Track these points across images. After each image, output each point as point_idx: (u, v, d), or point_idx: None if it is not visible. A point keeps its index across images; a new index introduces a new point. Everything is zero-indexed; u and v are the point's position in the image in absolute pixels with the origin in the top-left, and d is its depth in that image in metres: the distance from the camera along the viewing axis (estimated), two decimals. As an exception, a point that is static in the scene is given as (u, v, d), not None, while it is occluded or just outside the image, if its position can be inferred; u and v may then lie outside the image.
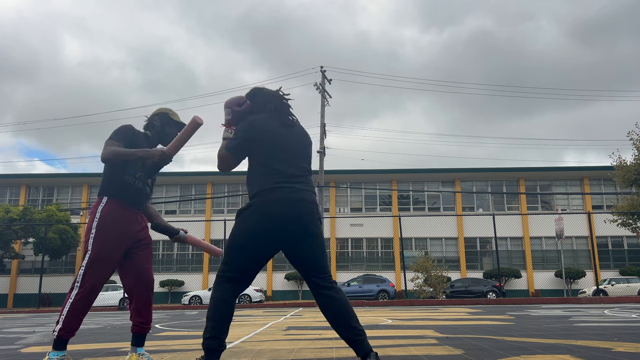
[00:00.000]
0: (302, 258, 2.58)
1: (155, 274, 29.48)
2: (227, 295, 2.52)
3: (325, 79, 24.98)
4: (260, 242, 2.50)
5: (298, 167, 2.62)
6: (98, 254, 2.88)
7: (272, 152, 2.57)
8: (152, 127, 3.27)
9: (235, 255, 2.53)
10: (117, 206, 3.00)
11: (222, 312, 2.48)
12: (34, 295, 23.29)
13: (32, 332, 6.78)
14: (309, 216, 2.55)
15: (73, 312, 2.81)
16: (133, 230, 3.04)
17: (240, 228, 2.54)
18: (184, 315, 11.35)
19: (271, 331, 5.88)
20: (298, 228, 2.51)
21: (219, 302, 2.50)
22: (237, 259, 2.53)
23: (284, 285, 28.37)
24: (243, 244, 2.51)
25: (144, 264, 3.06)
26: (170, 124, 3.27)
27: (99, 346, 4.49)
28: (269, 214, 2.48)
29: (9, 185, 32.25)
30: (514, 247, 30.21)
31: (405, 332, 5.42)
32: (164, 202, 31.50)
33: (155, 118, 3.28)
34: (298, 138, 2.70)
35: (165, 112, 3.27)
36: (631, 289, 22.94)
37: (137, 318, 3.02)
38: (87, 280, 2.85)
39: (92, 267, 2.87)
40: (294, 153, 2.63)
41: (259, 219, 2.49)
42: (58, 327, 2.80)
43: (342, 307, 2.51)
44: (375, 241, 30.57)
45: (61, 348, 2.83)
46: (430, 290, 21.25)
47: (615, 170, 22.25)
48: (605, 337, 4.45)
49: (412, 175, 31.30)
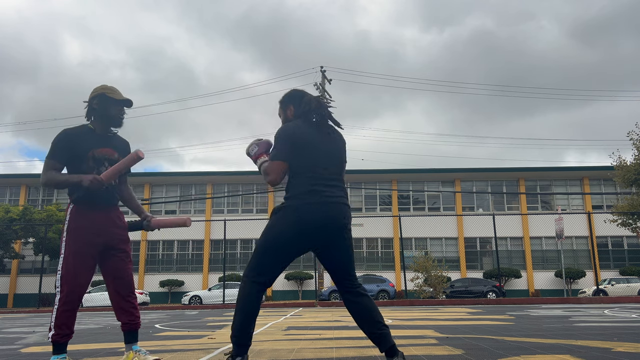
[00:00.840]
0: (334, 260, 2.66)
1: (155, 273, 29.54)
2: (254, 292, 2.58)
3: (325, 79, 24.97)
4: (293, 243, 2.56)
5: (334, 172, 2.68)
6: (70, 257, 2.87)
7: (310, 156, 2.61)
8: (94, 111, 3.03)
9: (267, 255, 2.58)
10: (85, 208, 2.95)
11: (250, 308, 2.56)
12: (34, 295, 23.28)
13: (32, 332, 6.78)
14: (344, 220, 2.62)
15: (60, 316, 2.83)
16: (105, 230, 2.98)
17: (275, 227, 2.58)
18: (184, 315, 11.35)
19: (271, 331, 5.88)
20: (333, 231, 2.58)
21: (247, 298, 2.57)
22: (268, 257, 2.58)
23: (284, 285, 28.36)
24: (277, 243, 2.56)
25: (121, 265, 3.03)
26: (111, 103, 3.02)
27: (99, 346, 4.49)
28: (306, 215, 2.53)
29: (9, 185, 32.24)
30: (514, 247, 30.21)
31: (405, 332, 5.42)
32: (164, 202, 31.51)
33: (94, 102, 3.02)
34: (335, 143, 2.74)
35: (102, 93, 3.01)
36: (631, 289, 22.95)
37: (124, 317, 3.01)
38: (64, 284, 2.86)
39: (67, 270, 2.87)
40: (330, 157, 2.68)
41: (296, 220, 2.54)
42: (51, 332, 2.84)
43: (369, 305, 2.63)
44: (375, 241, 30.57)
45: (60, 351, 2.86)
46: (430, 290, 21.25)
47: (615, 170, 22.25)
48: (605, 337, 4.45)
49: (412, 175, 31.30)
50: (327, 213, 2.55)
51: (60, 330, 2.82)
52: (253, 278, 2.58)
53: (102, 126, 3.06)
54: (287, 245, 2.55)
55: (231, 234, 25.18)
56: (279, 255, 2.57)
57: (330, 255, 2.65)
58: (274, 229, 2.57)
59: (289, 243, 2.55)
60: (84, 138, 2.97)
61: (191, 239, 30.53)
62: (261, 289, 2.60)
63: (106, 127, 3.07)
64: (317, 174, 2.59)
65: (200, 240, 30.69)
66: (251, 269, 2.60)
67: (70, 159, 2.94)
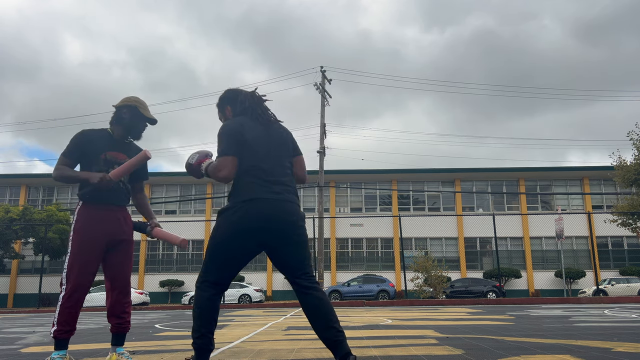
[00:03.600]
0: (285, 258, 2.59)
1: (155, 273, 29.52)
2: (210, 295, 2.54)
3: (325, 79, 24.97)
4: (240, 242, 2.51)
5: (279, 166, 2.62)
6: (76, 255, 2.97)
7: (252, 151, 2.57)
8: (121, 120, 3.17)
9: (215, 255, 2.54)
10: (92, 207, 3.06)
11: (208, 312, 2.52)
12: (34, 295, 23.27)
13: (32, 332, 6.78)
14: (290, 216, 2.55)
15: (63, 312, 2.91)
16: (111, 230, 3.07)
17: (220, 228, 2.54)
18: (184, 315, 11.35)
19: (271, 331, 5.88)
20: (279, 228, 2.51)
21: (203, 302, 2.53)
22: (217, 260, 2.54)
23: (284, 285, 28.34)
24: (223, 243, 2.52)
25: (119, 266, 3.10)
26: (140, 118, 3.19)
27: (99, 346, 4.49)
28: (249, 213, 2.48)
29: (9, 185, 32.25)
30: (514, 247, 30.22)
31: (405, 332, 5.42)
32: (164, 202, 31.52)
33: (124, 111, 3.17)
34: (277, 135, 2.69)
35: (134, 105, 3.17)
36: (631, 289, 22.94)
37: (114, 319, 3.09)
38: (69, 281, 2.95)
39: (72, 268, 2.96)
40: (274, 154, 2.62)
41: (239, 219, 2.49)
42: (53, 328, 2.92)
43: (324, 308, 2.52)
44: (375, 241, 30.57)
45: (61, 347, 2.93)
46: (430, 290, 21.25)
47: (615, 170, 22.24)
48: (605, 337, 4.45)
49: (412, 175, 31.30)
50: (269, 211, 2.49)
51: (62, 327, 2.91)
52: (206, 282, 2.55)
53: (121, 133, 3.20)
54: (231, 246, 2.51)
55: (231, 234, 25.14)
56: (226, 257, 2.53)
57: (281, 253, 2.57)
58: (218, 231, 2.55)
59: (233, 244, 2.51)
60: (100, 140, 3.13)
61: (191, 239, 30.53)
62: (214, 292, 2.55)
63: (125, 135, 3.22)
64: (259, 172, 2.54)
65: (200, 240, 30.70)
66: (202, 273, 2.57)
67: (82, 158, 3.10)
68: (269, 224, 2.49)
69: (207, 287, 2.54)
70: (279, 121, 2.79)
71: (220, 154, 2.56)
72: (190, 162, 2.71)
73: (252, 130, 2.61)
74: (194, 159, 2.71)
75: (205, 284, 2.55)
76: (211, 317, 2.52)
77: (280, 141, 2.69)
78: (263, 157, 2.58)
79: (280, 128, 2.75)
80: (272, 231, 2.51)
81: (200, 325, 2.50)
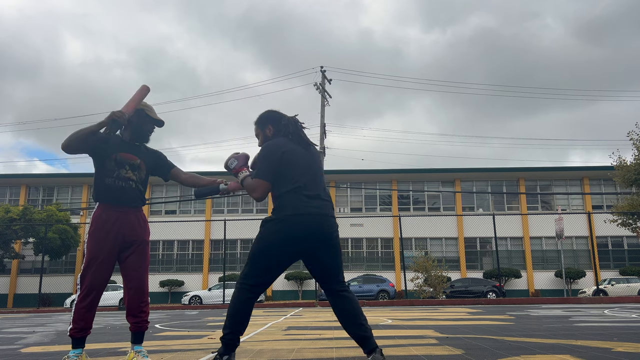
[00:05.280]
0: (322, 267, 2.85)
1: (155, 274, 29.49)
2: (246, 298, 2.79)
3: (325, 79, 24.98)
4: (282, 250, 2.75)
5: (318, 183, 2.89)
6: (91, 256, 3.06)
7: (295, 170, 2.82)
8: (129, 123, 3.24)
9: (257, 261, 2.78)
10: (106, 209, 3.12)
11: (242, 312, 2.79)
12: (34, 295, 23.28)
13: (32, 332, 6.78)
14: (329, 228, 2.81)
15: (78, 312, 3.01)
16: (125, 231, 3.12)
17: (264, 236, 2.78)
18: (184, 315, 11.36)
19: (271, 331, 5.88)
20: (319, 239, 2.77)
21: (239, 303, 2.78)
22: (258, 265, 2.78)
23: (284, 285, 28.35)
24: (266, 250, 2.76)
25: (134, 268, 3.15)
26: (146, 120, 3.29)
27: (99, 346, 4.50)
28: (293, 225, 2.73)
29: (9, 185, 32.24)
30: (514, 247, 30.21)
31: (405, 332, 5.42)
32: (164, 202, 31.51)
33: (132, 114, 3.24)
34: (314, 156, 2.99)
35: (141, 108, 3.26)
36: (631, 289, 22.94)
37: (131, 318, 3.16)
38: (85, 282, 3.04)
39: (88, 269, 3.05)
40: (313, 170, 2.90)
41: (283, 229, 2.74)
42: (69, 327, 3.02)
43: (356, 309, 2.80)
44: (375, 241, 30.57)
45: (78, 346, 3.04)
46: (430, 290, 21.25)
47: (615, 170, 22.24)
48: (605, 337, 4.45)
49: (412, 175, 31.30)
50: (310, 225, 2.74)
51: (77, 325, 3.00)
52: (245, 284, 2.79)
53: (130, 136, 3.29)
54: (274, 254, 2.75)
55: (231, 234, 25.15)
56: (268, 263, 2.77)
57: (317, 262, 2.83)
58: (263, 240, 2.78)
59: (277, 252, 2.75)
60: (111, 142, 3.20)
61: (191, 239, 30.53)
62: (253, 294, 2.80)
63: (133, 137, 3.29)
64: (300, 188, 2.79)
65: (200, 240, 30.70)
66: (244, 276, 2.81)
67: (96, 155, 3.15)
68: (310, 235, 2.75)
69: (245, 290, 2.79)
70: (313, 144, 3.05)
71: (257, 176, 2.82)
72: (230, 166, 2.99)
73: (294, 151, 2.88)
74: (233, 165, 2.98)
75: (244, 286, 2.79)
76: (243, 318, 2.78)
77: (317, 161, 3.00)
78: (304, 175, 2.84)
79: (315, 149, 3.05)
80: (313, 242, 2.77)
81: (231, 324, 2.76)
